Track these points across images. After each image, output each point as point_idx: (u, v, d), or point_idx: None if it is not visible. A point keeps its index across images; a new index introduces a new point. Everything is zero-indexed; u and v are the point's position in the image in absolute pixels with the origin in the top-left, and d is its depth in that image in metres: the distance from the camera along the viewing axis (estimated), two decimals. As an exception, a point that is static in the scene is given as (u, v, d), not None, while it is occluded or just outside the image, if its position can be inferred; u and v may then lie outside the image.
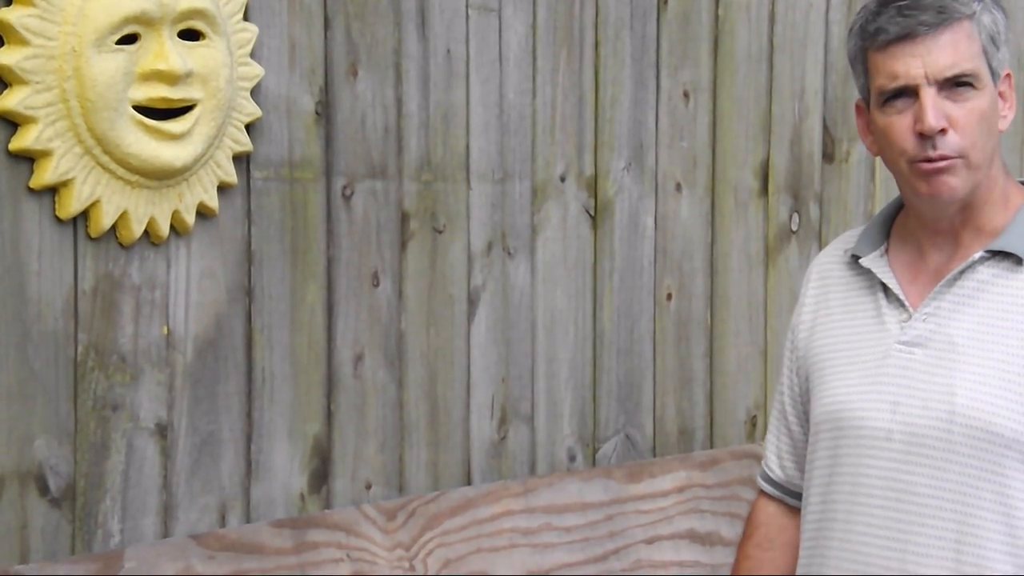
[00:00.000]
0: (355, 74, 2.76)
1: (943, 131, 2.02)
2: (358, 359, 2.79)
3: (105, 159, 2.39)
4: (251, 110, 2.60)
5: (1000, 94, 2.07)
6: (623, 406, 3.18)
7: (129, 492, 2.49)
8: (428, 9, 2.85)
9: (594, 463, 3.12)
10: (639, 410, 3.20)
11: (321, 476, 2.75)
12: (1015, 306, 2.03)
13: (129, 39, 2.38)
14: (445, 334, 2.91)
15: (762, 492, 2.33)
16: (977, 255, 2.06)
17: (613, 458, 3.15)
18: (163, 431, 2.53)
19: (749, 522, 2.35)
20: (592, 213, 3.12)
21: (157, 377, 2.52)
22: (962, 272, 2.06)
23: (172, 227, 2.52)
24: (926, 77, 2.02)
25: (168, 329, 2.54)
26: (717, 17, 3.31)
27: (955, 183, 2.04)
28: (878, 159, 3.02)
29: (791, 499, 2.28)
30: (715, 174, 3.31)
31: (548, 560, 2.92)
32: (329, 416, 2.76)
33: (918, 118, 2.02)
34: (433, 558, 2.80)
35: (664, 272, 3.23)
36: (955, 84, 2.02)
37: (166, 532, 2.54)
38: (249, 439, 2.65)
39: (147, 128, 2.41)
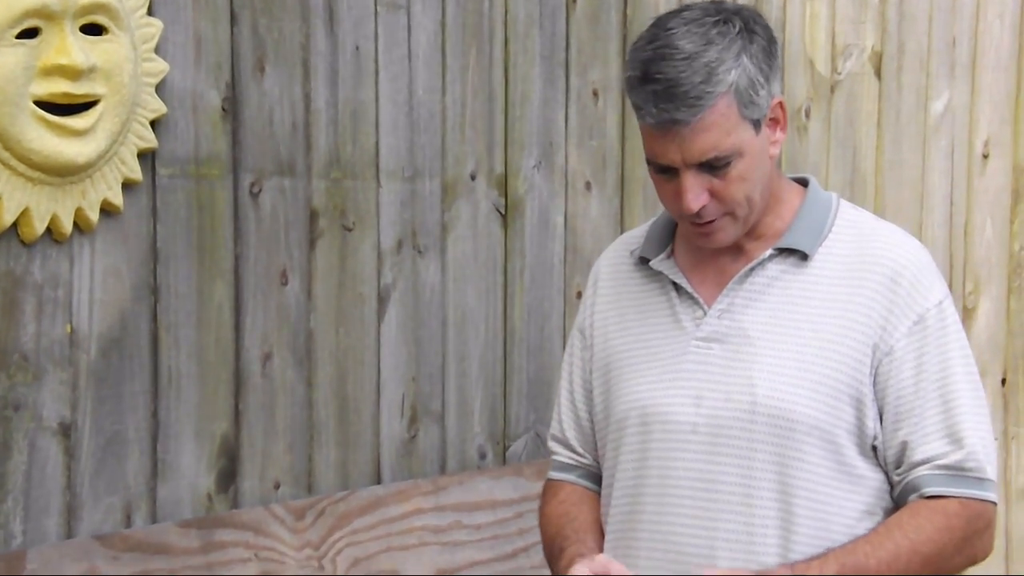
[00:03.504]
0: (262, 70, 2.74)
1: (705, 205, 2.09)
2: (266, 358, 2.78)
3: (5, 155, 2.36)
4: (156, 106, 2.58)
5: (772, 121, 2.12)
6: (533, 404, 3.18)
7: (32, 492, 2.45)
8: (336, 5, 2.83)
9: (504, 461, 3.12)
10: (549, 408, 3.20)
11: (229, 476, 2.72)
12: (803, 298, 2.11)
13: (29, 33, 2.35)
14: (355, 333, 2.90)
15: (552, 481, 2.34)
16: (766, 253, 2.14)
17: (523, 456, 3.15)
18: (67, 431, 2.50)
19: (545, 498, 2.34)
20: (502, 211, 3.12)
21: (60, 376, 2.49)
22: (752, 270, 2.14)
23: (75, 224, 2.49)
24: (684, 162, 2.06)
25: (72, 328, 2.51)
26: (626, 16, 3.32)
27: (724, 236, 2.13)
28: (782, 156, 3.05)
29: (585, 480, 2.31)
30: (624, 173, 3.33)
31: (458, 558, 2.92)
32: (237, 415, 2.73)
33: (679, 194, 2.07)
34: (342, 557, 2.79)
35: (574, 270, 3.24)
36: (714, 164, 2.07)
37: (70, 533, 2.51)
38: (155, 439, 2.62)
39: (49, 124, 2.38)
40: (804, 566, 2.03)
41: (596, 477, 2.28)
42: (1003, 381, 3.95)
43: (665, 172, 2.09)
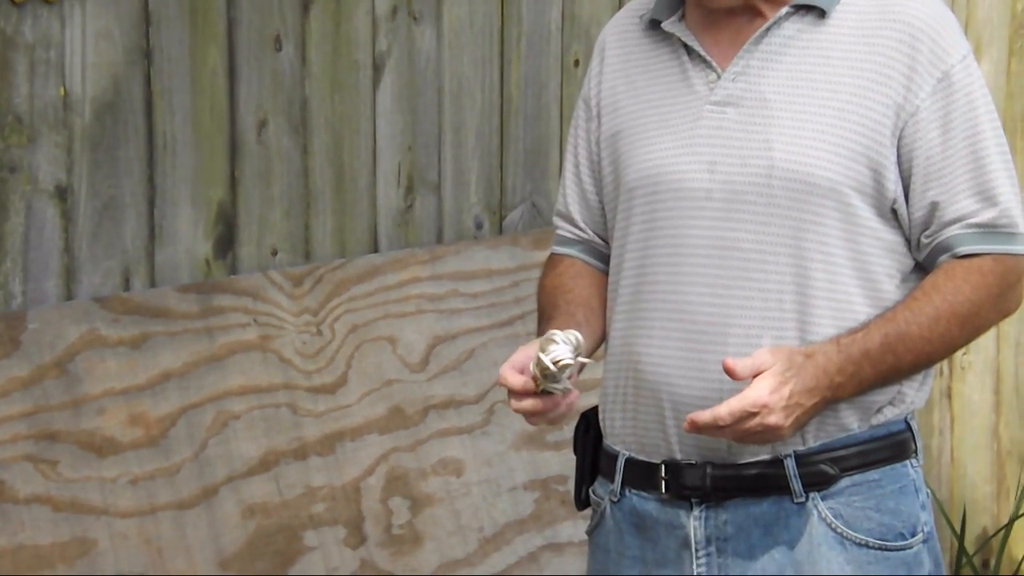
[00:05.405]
0: None
1: None
2: (262, 125, 2.75)
3: (-8, -90, 2.31)
4: None
5: None
6: (530, 174, 3.18)
7: (30, 254, 2.46)
8: None
9: (501, 231, 3.13)
10: (545, 178, 3.20)
11: (226, 242, 2.73)
12: (822, 58, 2.06)
13: None
14: (350, 100, 2.87)
15: (553, 255, 2.30)
16: (783, 11, 2.08)
17: (520, 226, 3.15)
18: (63, 194, 2.50)
19: (544, 271, 2.30)
20: (499, -23, 3.07)
21: (55, 139, 2.47)
22: (768, 30, 2.08)
23: (65, -15, 2.45)
24: None
25: (65, 90, 2.48)
26: None
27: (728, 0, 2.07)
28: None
29: (586, 255, 2.28)
30: (623, -65, 3.27)
31: (455, 325, 2.94)
32: (233, 182, 2.72)
33: None
34: (340, 323, 2.81)
35: (572, 38, 3.19)
36: None
37: (69, 295, 2.52)
38: (152, 204, 2.62)
39: None
40: (848, 340, 2.01)
41: (598, 253, 2.27)
42: (1000, 144, 3.93)
43: None
